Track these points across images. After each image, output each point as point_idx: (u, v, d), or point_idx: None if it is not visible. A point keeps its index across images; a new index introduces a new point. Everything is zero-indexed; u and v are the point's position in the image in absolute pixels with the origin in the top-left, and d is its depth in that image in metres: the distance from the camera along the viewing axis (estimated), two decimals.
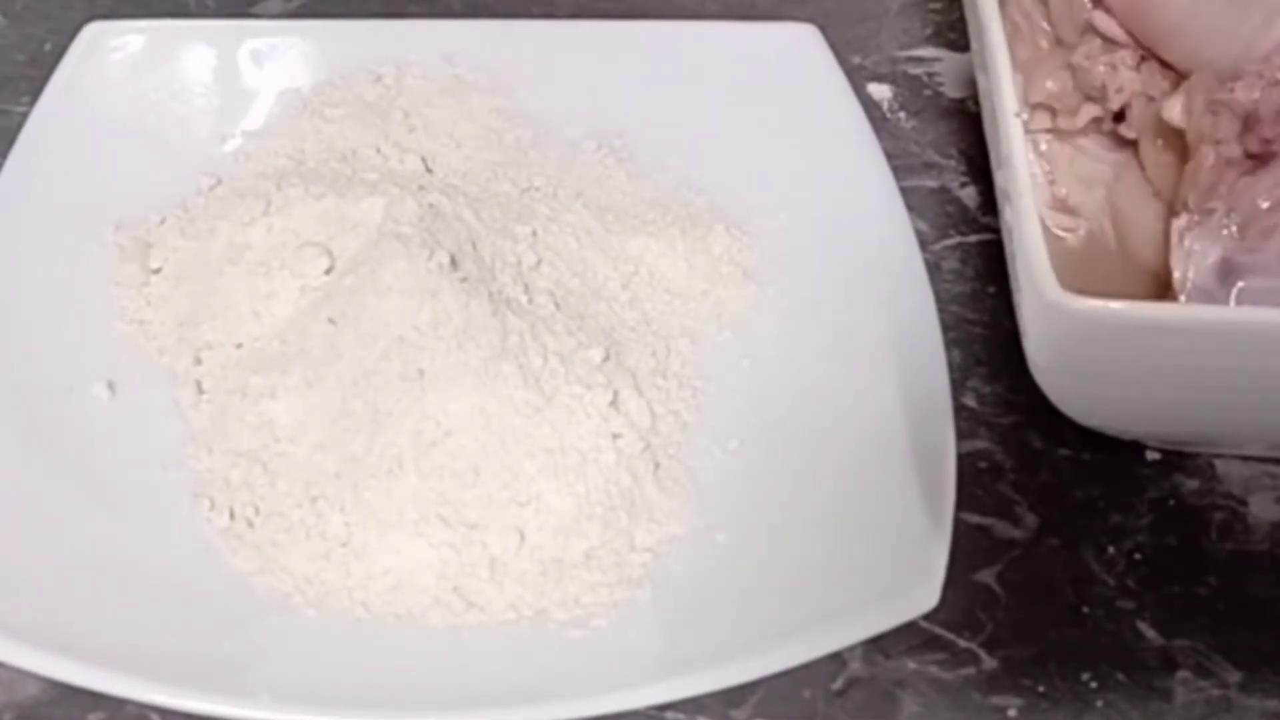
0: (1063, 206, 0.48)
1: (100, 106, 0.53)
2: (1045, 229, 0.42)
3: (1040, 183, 0.47)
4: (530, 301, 0.47)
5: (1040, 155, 0.48)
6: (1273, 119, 0.43)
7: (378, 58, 0.55)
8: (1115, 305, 0.40)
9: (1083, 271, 0.45)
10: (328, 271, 0.47)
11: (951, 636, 0.42)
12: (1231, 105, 0.44)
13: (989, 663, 0.42)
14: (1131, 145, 0.48)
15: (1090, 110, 0.47)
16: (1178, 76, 0.46)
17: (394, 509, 0.43)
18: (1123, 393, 0.43)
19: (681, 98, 0.54)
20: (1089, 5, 0.48)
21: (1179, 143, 0.45)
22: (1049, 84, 0.48)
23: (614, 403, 0.45)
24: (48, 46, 0.57)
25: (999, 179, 0.46)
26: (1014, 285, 0.45)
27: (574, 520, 0.43)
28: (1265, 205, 0.43)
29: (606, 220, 0.50)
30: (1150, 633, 0.43)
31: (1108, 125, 0.48)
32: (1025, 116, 0.46)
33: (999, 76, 0.46)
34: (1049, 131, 0.48)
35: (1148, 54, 0.47)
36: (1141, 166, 0.47)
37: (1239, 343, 0.40)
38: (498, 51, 0.55)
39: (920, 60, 0.58)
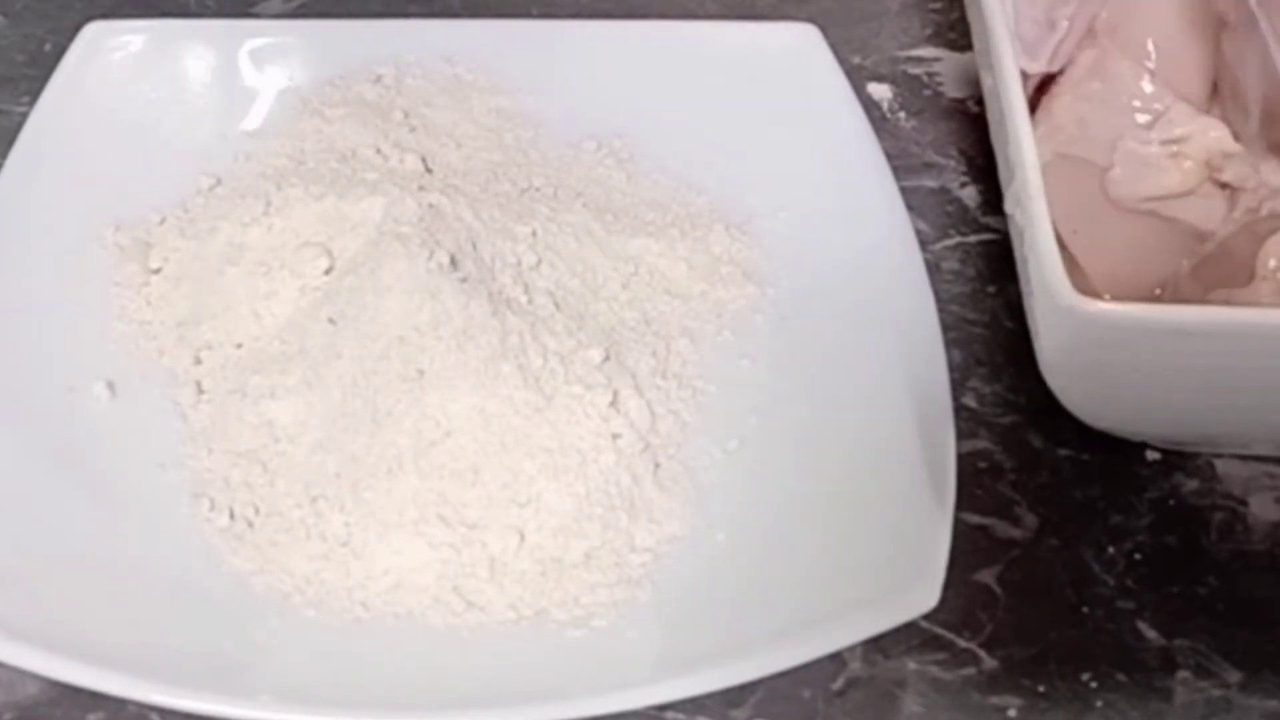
0: None
1: (100, 106, 0.53)
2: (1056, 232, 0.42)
3: None
4: (530, 301, 0.47)
5: None
6: None
7: (378, 58, 0.55)
8: (1131, 308, 0.40)
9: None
10: (328, 271, 0.47)
11: (951, 636, 0.42)
12: None
13: (989, 663, 0.42)
14: None
15: None
16: None
17: (394, 509, 0.43)
18: (1137, 395, 0.42)
19: (681, 98, 0.54)
20: None
21: None
22: None
23: (614, 403, 0.45)
24: (48, 46, 0.57)
25: (1009, 183, 0.46)
26: (1025, 289, 0.45)
27: (574, 520, 0.43)
28: None
29: (606, 220, 0.50)
30: (1150, 633, 0.43)
31: None
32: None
33: (1006, 78, 0.45)
34: None
35: None
36: None
37: (1257, 344, 0.40)
38: (498, 51, 0.55)
39: (920, 60, 0.58)
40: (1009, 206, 0.45)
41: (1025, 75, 0.47)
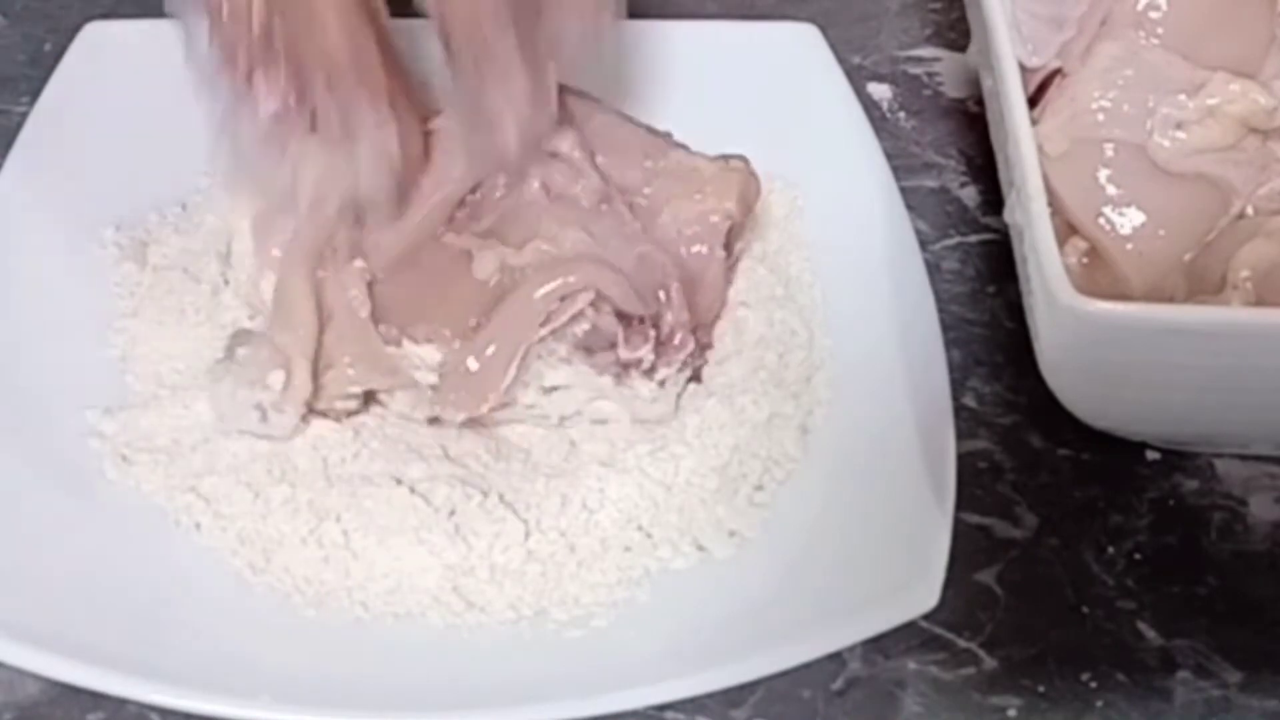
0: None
1: (100, 106, 0.53)
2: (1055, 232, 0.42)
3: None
4: None
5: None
6: None
7: None
8: (1131, 308, 0.40)
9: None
10: None
11: (951, 636, 0.42)
12: None
13: (989, 663, 0.42)
14: None
15: None
16: None
17: (394, 516, 0.43)
18: (1137, 395, 0.42)
19: (681, 97, 0.54)
20: None
21: None
22: None
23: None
24: (48, 46, 0.57)
25: (1009, 183, 0.46)
26: (1024, 288, 0.45)
27: (574, 521, 0.43)
28: None
29: None
30: (1150, 633, 0.43)
31: None
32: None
33: (1006, 78, 0.45)
34: None
35: None
36: None
37: (1257, 344, 0.40)
38: None
39: (920, 60, 0.58)
40: (1008, 214, 0.45)
41: (1026, 71, 0.47)
